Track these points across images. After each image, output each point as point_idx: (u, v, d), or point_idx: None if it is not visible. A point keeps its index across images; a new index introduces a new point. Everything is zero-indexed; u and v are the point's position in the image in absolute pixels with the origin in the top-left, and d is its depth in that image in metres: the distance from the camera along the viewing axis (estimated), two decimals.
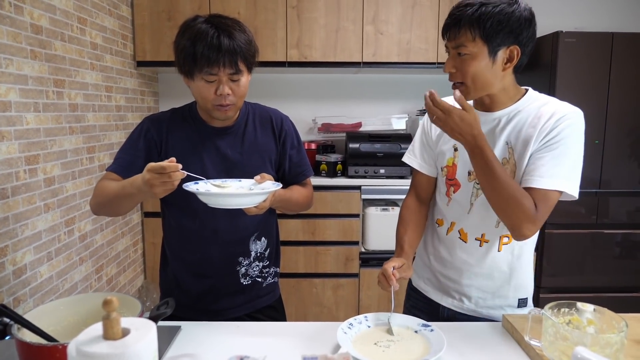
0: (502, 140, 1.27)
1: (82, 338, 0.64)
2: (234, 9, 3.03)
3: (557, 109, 1.23)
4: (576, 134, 1.22)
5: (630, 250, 3.07)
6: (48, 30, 2.08)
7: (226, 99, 1.32)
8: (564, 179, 1.19)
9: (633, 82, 2.91)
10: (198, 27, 1.28)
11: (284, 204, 1.44)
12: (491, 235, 1.33)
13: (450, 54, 1.25)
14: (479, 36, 1.17)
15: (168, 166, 1.11)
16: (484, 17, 1.16)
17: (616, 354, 0.98)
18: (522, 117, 1.26)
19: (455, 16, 1.20)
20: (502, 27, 1.17)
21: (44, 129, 2.06)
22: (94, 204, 1.37)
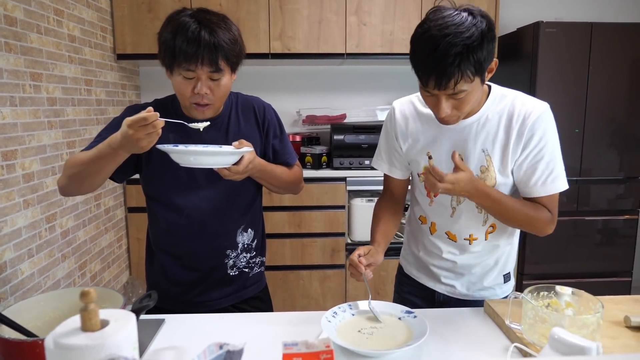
0: (478, 148, 1.26)
1: (59, 330, 0.63)
2: (215, 0, 3.00)
3: (527, 109, 1.21)
4: (552, 132, 1.23)
5: (610, 236, 3.14)
6: (23, 22, 2.03)
7: (203, 98, 1.28)
8: (560, 179, 1.25)
9: (612, 71, 2.95)
10: (181, 20, 1.25)
11: (265, 176, 1.41)
12: (479, 232, 1.37)
13: (438, 97, 1.13)
14: (475, 74, 1.08)
15: (149, 116, 1.08)
16: (477, 56, 1.05)
17: (592, 334, 1.00)
18: (493, 122, 1.24)
19: (444, 68, 1.05)
20: (487, 54, 1.09)
21: (22, 123, 2.02)
22: (64, 178, 1.29)
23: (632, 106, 2.99)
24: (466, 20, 1.06)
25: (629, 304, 1.29)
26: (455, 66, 1.04)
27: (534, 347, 1.06)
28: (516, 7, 3.53)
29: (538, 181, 1.24)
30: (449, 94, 1.11)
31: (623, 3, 3.56)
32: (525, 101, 1.24)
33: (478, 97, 1.18)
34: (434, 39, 1.05)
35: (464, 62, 1.04)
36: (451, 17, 1.07)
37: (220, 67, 1.25)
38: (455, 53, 1.04)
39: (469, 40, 1.04)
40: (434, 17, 1.09)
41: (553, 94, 2.94)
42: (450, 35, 1.04)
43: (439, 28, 1.06)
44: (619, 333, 1.13)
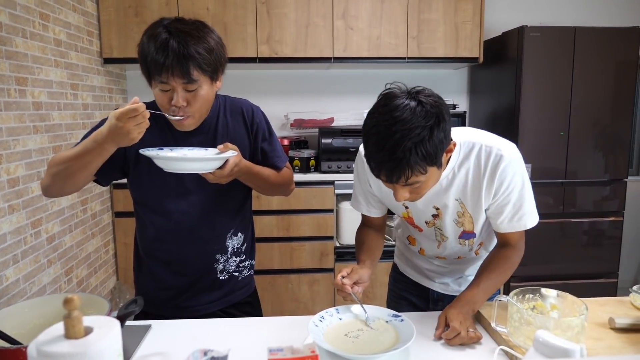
0: (451, 198, 1.28)
1: (42, 338, 0.63)
2: (202, 4, 2.99)
3: (493, 160, 1.20)
4: (519, 176, 1.22)
5: (596, 238, 3.18)
6: (8, 27, 2.02)
7: (180, 110, 1.25)
8: (527, 217, 1.26)
9: (595, 74, 2.99)
10: (155, 31, 1.23)
11: (252, 178, 1.40)
12: (468, 254, 1.43)
13: (396, 186, 1.13)
14: (429, 165, 1.06)
15: (137, 107, 1.09)
16: (427, 150, 1.03)
17: (577, 336, 1.01)
18: (462, 176, 1.24)
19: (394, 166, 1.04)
20: (439, 143, 1.05)
21: (6, 128, 2.00)
22: (47, 177, 1.26)
23: (615, 108, 3.03)
24: (414, 115, 1.02)
25: (614, 306, 1.30)
26: (404, 162, 1.03)
27: (520, 350, 1.06)
28: (501, 11, 3.57)
29: (505, 220, 1.26)
30: (403, 185, 1.11)
31: (606, 8, 3.62)
32: (490, 150, 1.21)
33: (436, 180, 1.16)
34: (383, 136, 1.03)
35: (414, 158, 1.02)
36: (400, 111, 1.03)
37: (193, 77, 1.22)
38: (404, 150, 1.01)
39: (417, 137, 1.01)
40: (384, 108, 1.06)
41: (538, 97, 2.97)
42: (399, 133, 1.01)
43: (387, 124, 1.03)
44: (604, 335, 1.14)
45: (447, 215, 1.31)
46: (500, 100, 3.22)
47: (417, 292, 1.55)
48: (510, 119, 3.05)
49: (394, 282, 1.65)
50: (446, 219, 1.32)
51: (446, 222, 1.33)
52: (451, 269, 1.48)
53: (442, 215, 1.32)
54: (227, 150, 1.26)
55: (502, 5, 3.58)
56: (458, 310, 1.20)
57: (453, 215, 1.31)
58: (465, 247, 1.40)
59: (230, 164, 1.24)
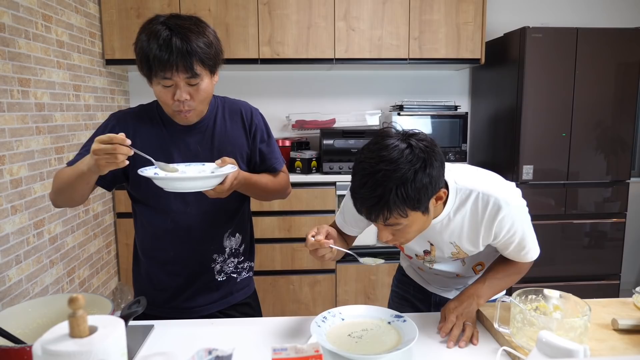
0: (445, 241, 1.27)
1: (47, 337, 0.63)
2: (204, 5, 3.00)
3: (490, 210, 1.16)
4: (520, 220, 1.20)
5: (598, 239, 3.17)
6: (11, 28, 2.02)
7: (184, 104, 1.28)
8: (531, 252, 1.27)
9: (597, 75, 2.99)
10: (153, 28, 1.24)
11: (250, 188, 1.41)
12: (466, 271, 1.42)
13: (378, 226, 1.12)
14: (410, 209, 1.05)
15: (116, 137, 1.10)
16: (408, 193, 1.02)
17: (580, 337, 1.01)
18: (458, 220, 1.21)
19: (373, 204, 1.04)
20: (422, 188, 1.04)
21: (9, 129, 2.01)
22: (52, 192, 1.35)
23: (618, 110, 3.03)
24: (401, 156, 1.02)
25: (617, 307, 1.30)
26: (383, 203, 1.02)
27: (523, 351, 1.06)
28: (503, 12, 3.57)
29: (511, 253, 1.27)
30: (385, 225, 1.09)
31: (608, 9, 3.62)
32: (487, 199, 1.16)
33: (422, 225, 1.13)
34: (366, 173, 1.04)
35: (393, 199, 1.01)
36: (388, 151, 1.03)
37: (196, 72, 1.25)
38: (383, 190, 1.01)
39: (399, 179, 1.01)
40: (374, 146, 1.07)
41: (540, 99, 2.97)
42: (380, 173, 1.01)
43: (371, 163, 1.04)
44: (607, 336, 1.14)
45: (440, 252, 1.31)
46: (502, 102, 3.22)
47: (419, 295, 1.56)
48: (512, 120, 3.05)
49: (398, 283, 1.66)
50: (438, 255, 1.33)
51: (439, 257, 1.34)
52: (454, 282, 1.48)
53: (435, 253, 1.32)
54: (225, 165, 1.26)
55: (503, 6, 3.58)
56: (458, 303, 1.21)
57: (447, 253, 1.31)
58: (464, 267, 1.39)
59: (230, 179, 1.24)
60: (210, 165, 1.31)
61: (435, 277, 1.49)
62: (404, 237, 1.13)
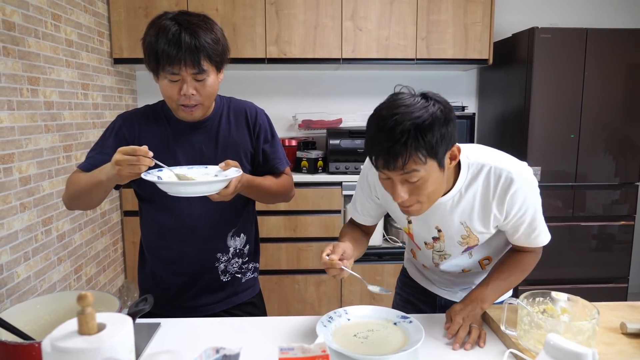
0: (456, 221, 1.26)
1: (56, 334, 0.63)
2: (212, 5, 3.01)
3: (503, 183, 1.17)
4: (532, 197, 1.20)
5: (606, 242, 3.15)
6: (21, 27, 2.04)
7: (190, 99, 1.29)
8: (542, 235, 1.26)
9: (607, 77, 2.97)
10: (162, 24, 1.26)
11: (254, 191, 1.41)
12: (473, 266, 1.40)
13: (393, 181, 1.10)
14: (427, 156, 1.04)
15: (139, 149, 1.13)
16: (427, 134, 1.02)
17: (588, 341, 1.01)
18: (469, 198, 1.21)
19: (390, 146, 1.03)
20: (443, 135, 1.05)
21: (19, 127, 2.02)
22: (66, 197, 1.37)
23: (627, 111, 3.01)
24: (417, 103, 1.05)
25: (625, 311, 1.29)
26: (401, 144, 1.02)
27: (530, 353, 1.06)
28: (511, 12, 3.55)
29: (520, 237, 1.26)
30: (402, 177, 1.07)
31: (618, 9, 3.59)
32: (500, 173, 1.17)
33: (438, 184, 1.12)
34: (383, 119, 1.05)
35: (411, 141, 1.01)
36: (403, 100, 1.06)
37: (203, 67, 1.26)
38: (402, 130, 1.01)
39: (417, 119, 1.02)
40: (388, 101, 1.09)
41: (548, 100, 2.96)
42: (399, 115, 1.03)
43: (388, 109, 1.06)
44: (615, 340, 1.13)
45: (449, 238, 1.30)
46: (510, 103, 3.20)
47: (424, 297, 1.54)
48: (520, 121, 3.04)
49: (402, 285, 1.65)
50: (448, 242, 1.32)
51: (448, 244, 1.33)
52: (459, 282, 1.47)
53: (444, 239, 1.32)
54: (229, 168, 1.27)
55: (512, 7, 3.56)
56: (463, 306, 1.21)
57: (457, 237, 1.30)
58: (470, 260, 1.38)
59: (234, 183, 1.24)
60: (213, 168, 1.31)
61: (441, 276, 1.48)
62: (421, 194, 1.10)
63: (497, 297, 1.27)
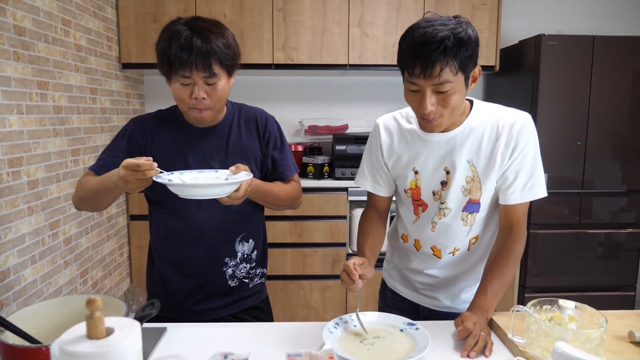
0: (463, 159, 1.28)
1: (65, 337, 0.63)
2: (219, 10, 3.03)
3: (510, 120, 1.27)
4: (534, 141, 1.28)
5: (613, 249, 3.12)
6: (31, 32, 2.06)
7: (201, 102, 1.30)
8: (539, 186, 1.29)
9: (614, 84, 2.96)
10: (175, 28, 1.28)
11: (263, 196, 1.42)
12: (462, 244, 1.39)
13: (422, 92, 1.15)
14: (459, 68, 1.11)
15: (143, 164, 1.14)
16: (462, 47, 1.10)
17: (596, 349, 1.00)
18: (477, 134, 1.27)
19: (430, 51, 1.09)
20: (472, 53, 1.13)
21: (28, 131, 2.04)
22: (76, 198, 1.39)
23: (634, 119, 3.00)
24: (451, 22, 1.13)
25: (633, 319, 1.28)
26: (440, 52, 1.08)
27: None
28: (518, 19, 3.55)
29: (517, 187, 1.27)
30: (434, 85, 1.13)
31: (625, 16, 3.58)
32: (507, 112, 1.29)
33: (461, 101, 1.20)
34: (421, 29, 1.11)
35: (449, 50, 1.08)
36: (438, 17, 1.14)
37: (214, 71, 1.28)
38: (441, 38, 1.08)
39: (455, 30, 1.09)
40: (422, 19, 1.17)
41: (555, 107, 2.95)
42: (437, 25, 1.10)
43: (426, 22, 1.13)
44: (623, 348, 1.12)
45: (456, 181, 1.29)
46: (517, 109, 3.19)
47: (406, 308, 1.51)
48: None
49: (382, 298, 1.63)
50: (453, 187, 1.30)
51: (452, 190, 1.31)
52: (443, 279, 1.43)
53: (451, 182, 1.30)
54: (239, 172, 1.27)
55: (519, 14, 3.56)
56: (471, 313, 1.21)
57: (462, 181, 1.29)
58: (465, 229, 1.35)
59: (244, 186, 1.25)
60: (223, 172, 1.32)
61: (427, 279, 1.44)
62: (446, 106, 1.16)
63: (497, 300, 1.26)
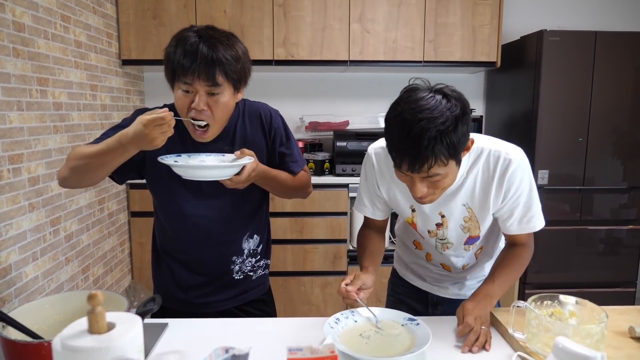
0: (459, 203, 1.29)
1: (67, 332, 0.64)
2: (220, 7, 3.02)
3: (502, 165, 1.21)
4: (527, 179, 1.25)
5: (614, 246, 3.12)
6: (31, 28, 2.05)
7: (201, 113, 1.27)
8: (536, 219, 1.29)
9: (615, 80, 2.95)
10: (183, 35, 1.26)
11: (268, 182, 1.41)
12: (471, 259, 1.43)
13: (413, 179, 1.13)
14: (450, 158, 1.07)
15: (166, 115, 1.11)
16: (451, 140, 1.04)
17: (597, 344, 1.00)
18: (470, 181, 1.25)
19: (417, 152, 1.04)
20: (462, 136, 1.07)
21: (28, 127, 2.04)
22: (66, 169, 1.26)
23: (636, 115, 2.99)
24: (440, 104, 1.04)
25: (634, 315, 1.28)
26: (429, 150, 1.03)
27: (537, 356, 1.05)
28: (519, 15, 3.54)
29: (514, 222, 1.28)
30: (423, 177, 1.11)
31: (627, 12, 3.57)
32: (498, 155, 1.22)
33: (453, 177, 1.17)
34: (408, 123, 1.04)
35: (438, 147, 1.03)
36: (425, 101, 1.05)
37: (217, 81, 1.24)
38: (428, 138, 1.02)
39: (442, 125, 1.02)
40: (408, 99, 1.08)
41: (556, 103, 2.94)
42: (424, 120, 1.02)
43: (412, 112, 1.04)
44: (624, 343, 1.13)
45: (452, 222, 1.32)
46: (518, 106, 3.19)
47: (416, 296, 1.55)
48: (528, 124, 3.02)
49: (393, 286, 1.65)
50: (451, 227, 1.33)
51: (451, 229, 1.33)
52: (453, 277, 1.48)
53: (447, 224, 1.33)
54: (244, 157, 1.27)
55: (520, 9, 3.55)
56: (475, 304, 1.20)
57: (459, 221, 1.31)
58: (470, 252, 1.40)
59: (247, 170, 1.25)
60: (230, 156, 1.33)
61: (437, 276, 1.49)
62: (438, 188, 1.15)
63: (502, 293, 1.27)
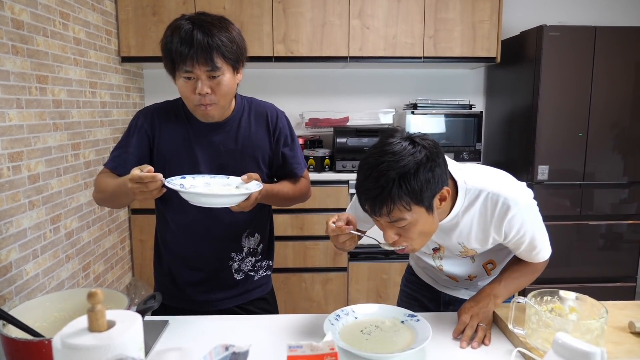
0: (454, 241, 1.27)
1: (67, 331, 0.64)
2: (219, 3, 3.01)
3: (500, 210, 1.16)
4: (530, 220, 1.19)
5: (614, 241, 3.12)
6: (29, 25, 2.05)
7: (206, 97, 1.28)
8: (543, 252, 1.27)
9: (615, 75, 2.94)
10: (177, 23, 1.27)
11: (272, 200, 1.44)
12: (478, 271, 1.41)
13: (383, 224, 1.12)
14: (413, 203, 1.05)
15: (145, 176, 1.12)
16: (410, 185, 1.03)
17: (596, 340, 1.00)
18: (466, 221, 1.21)
19: (374, 196, 1.05)
20: (425, 183, 1.05)
21: (27, 125, 2.04)
22: (96, 197, 1.42)
23: (635, 110, 2.98)
24: (404, 150, 1.05)
25: (634, 310, 1.29)
26: (386, 192, 1.03)
27: (537, 352, 1.06)
28: (519, 10, 3.53)
29: (522, 254, 1.28)
30: (389, 222, 1.09)
31: (627, 7, 3.56)
32: (497, 199, 1.16)
33: (428, 225, 1.12)
34: (370, 166, 1.06)
35: (396, 190, 1.02)
36: (391, 146, 1.07)
37: (217, 65, 1.26)
38: (386, 180, 1.03)
39: (402, 169, 1.03)
40: (379, 144, 1.10)
41: (556, 98, 2.94)
42: (384, 164, 1.04)
43: (376, 156, 1.07)
44: (624, 339, 1.13)
45: (448, 251, 1.33)
46: (518, 101, 3.19)
47: (428, 294, 1.56)
48: (528, 119, 3.02)
49: (407, 282, 1.66)
50: (447, 253, 1.34)
51: (447, 254, 1.35)
52: (464, 284, 1.48)
53: (444, 250, 1.34)
54: (251, 181, 1.28)
55: (520, 4, 3.54)
56: (474, 302, 1.21)
57: (455, 251, 1.32)
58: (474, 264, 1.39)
59: (254, 196, 1.26)
60: (235, 179, 1.32)
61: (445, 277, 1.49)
62: (410, 237, 1.11)
63: (508, 295, 1.27)
